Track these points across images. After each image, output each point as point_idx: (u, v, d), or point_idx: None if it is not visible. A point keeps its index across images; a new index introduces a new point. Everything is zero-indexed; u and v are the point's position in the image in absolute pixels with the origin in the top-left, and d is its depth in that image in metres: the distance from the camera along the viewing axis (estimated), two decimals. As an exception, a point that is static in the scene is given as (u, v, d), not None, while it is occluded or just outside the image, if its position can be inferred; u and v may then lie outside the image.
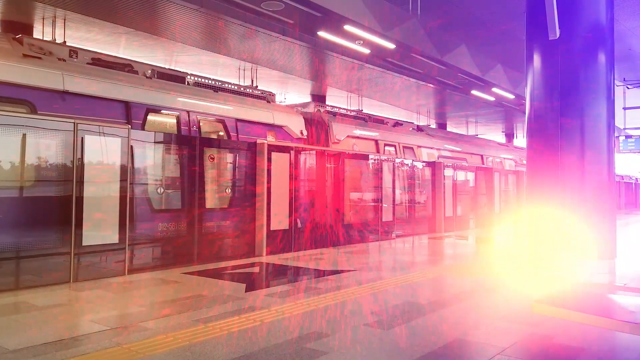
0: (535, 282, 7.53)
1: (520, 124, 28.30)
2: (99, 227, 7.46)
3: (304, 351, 4.26)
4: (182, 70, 12.36)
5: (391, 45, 13.41)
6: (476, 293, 6.74)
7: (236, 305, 5.82)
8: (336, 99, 21.73)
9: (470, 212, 17.95)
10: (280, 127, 12.60)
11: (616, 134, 12.65)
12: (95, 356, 4.09)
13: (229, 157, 10.03)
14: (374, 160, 13.38)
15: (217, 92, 11.56)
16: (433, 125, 27.08)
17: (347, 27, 12.04)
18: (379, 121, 17.79)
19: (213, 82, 11.80)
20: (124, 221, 7.68)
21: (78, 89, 8.71)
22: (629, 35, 16.31)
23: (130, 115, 9.40)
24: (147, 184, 8.65)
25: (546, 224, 8.70)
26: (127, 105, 9.42)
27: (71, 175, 7.16)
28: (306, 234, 11.01)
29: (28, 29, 12.72)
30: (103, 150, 7.56)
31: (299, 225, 10.87)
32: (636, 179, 45.01)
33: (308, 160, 11.38)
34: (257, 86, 15.79)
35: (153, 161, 8.78)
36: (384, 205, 13.36)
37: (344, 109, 17.13)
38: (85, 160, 7.31)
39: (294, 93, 20.85)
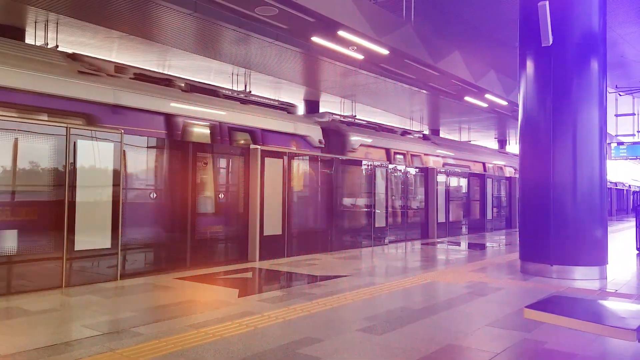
0: (526, 288, 7.56)
1: (513, 130, 28.44)
2: (91, 232, 7.44)
3: (297, 357, 4.26)
4: (214, 84, 13.16)
5: (385, 51, 13.45)
6: (468, 298, 6.76)
7: (229, 310, 5.82)
8: (329, 105, 21.76)
9: (462, 218, 18.03)
10: (301, 136, 13.10)
11: (608, 141, 12.75)
12: (87, 362, 4.08)
13: (222, 162, 10.04)
14: (367, 166, 13.42)
15: (244, 104, 11.99)
16: (426, 131, 27.16)
17: (341, 33, 12.07)
18: (388, 130, 18.15)
19: (241, 95, 12.41)
20: (116, 226, 7.67)
21: (125, 103, 9.11)
22: (621, 42, 16.45)
23: (171, 126, 9.77)
24: (139, 188, 8.64)
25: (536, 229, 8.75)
26: (167, 117, 9.83)
27: (63, 179, 7.14)
28: (299, 239, 11.02)
29: (20, 33, 12.67)
30: (96, 154, 7.54)
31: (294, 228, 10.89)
32: (629, 185, 45.33)
33: (301, 165, 11.40)
34: (249, 92, 15.85)
35: (146, 166, 8.77)
36: (377, 211, 13.39)
37: (352, 117, 17.55)
38: (78, 164, 7.30)
39: (287, 98, 20.86)
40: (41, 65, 8.31)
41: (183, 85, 10.89)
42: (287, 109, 13.56)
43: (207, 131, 10.62)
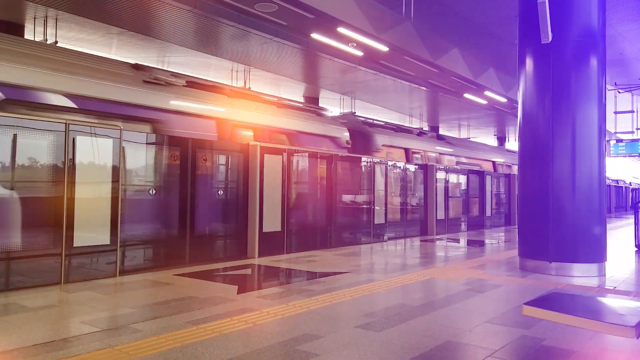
0: (525, 285, 7.57)
1: (512, 127, 28.41)
2: (90, 228, 7.44)
3: (296, 353, 4.26)
4: (255, 90, 14.17)
5: (384, 48, 13.42)
6: (467, 295, 6.77)
7: (228, 307, 5.82)
8: (329, 101, 21.74)
9: (461, 215, 18.05)
10: (331, 137, 13.89)
11: (607, 138, 12.76)
12: (86, 358, 4.08)
13: (221, 159, 10.04)
14: (367, 163, 13.42)
15: (281, 108, 12.79)
16: (426, 128, 27.16)
17: (341, 30, 12.04)
18: (406, 130, 18.75)
19: (277, 99, 13.45)
20: (115, 222, 7.68)
21: (182, 109, 9.78)
22: (620, 39, 16.44)
23: (221, 129, 10.50)
24: (138, 185, 8.63)
25: (535, 226, 8.76)
26: (217, 121, 10.50)
27: (62, 176, 7.14)
28: (298, 236, 11.03)
29: (19, 29, 12.63)
30: (95, 151, 7.54)
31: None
32: (629, 183, 45.36)
33: (301, 162, 11.40)
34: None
35: (145, 162, 8.76)
36: (376, 207, 13.40)
37: (371, 119, 18.05)
38: (77, 161, 7.31)
39: (286, 95, 20.83)
40: (113, 75, 8.83)
41: (228, 91, 11.47)
42: (316, 111, 14.48)
43: (251, 133, 11.17)
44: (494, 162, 23.57)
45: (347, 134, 14.49)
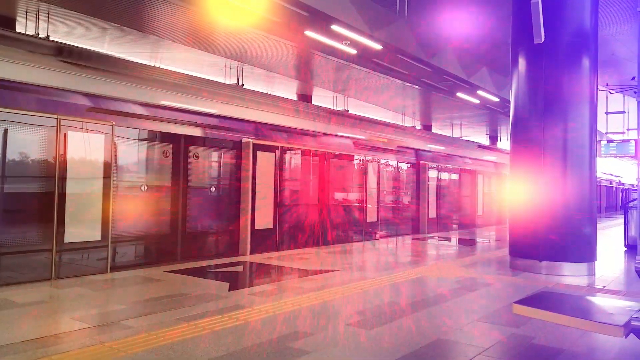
0: (515, 284, 7.61)
1: (505, 126, 28.48)
2: (81, 224, 7.40)
3: (287, 350, 4.27)
4: (456, 136, 22.45)
5: (378, 46, 13.43)
6: (458, 294, 6.80)
7: (219, 304, 5.82)
8: (322, 99, 21.71)
9: (454, 214, 18.10)
10: (490, 161, 21.84)
11: (598, 138, 12.81)
12: (77, 354, 4.06)
13: (214, 156, 10.00)
14: (359, 160, 13.43)
15: (484, 149, 22.26)
16: (418, 127, 27.20)
17: (334, 27, 12.03)
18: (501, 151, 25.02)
19: (480, 144, 22.77)
20: (106, 218, 7.64)
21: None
22: (612, 40, 16.51)
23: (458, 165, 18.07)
24: (130, 181, 8.59)
25: (526, 225, 8.80)
26: (416, 151, 16.37)
27: (53, 171, 7.09)
28: (290, 233, 11.02)
29: (11, 23, 12.53)
30: (86, 146, 7.50)
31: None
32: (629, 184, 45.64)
33: (293, 160, 11.39)
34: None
35: (137, 158, 8.72)
36: (368, 206, 13.41)
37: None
38: (68, 156, 7.25)
39: (280, 92, 20.80)
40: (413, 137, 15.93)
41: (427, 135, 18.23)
42: (489, 148, 24.07)
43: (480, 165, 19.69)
44: None
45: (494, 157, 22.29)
